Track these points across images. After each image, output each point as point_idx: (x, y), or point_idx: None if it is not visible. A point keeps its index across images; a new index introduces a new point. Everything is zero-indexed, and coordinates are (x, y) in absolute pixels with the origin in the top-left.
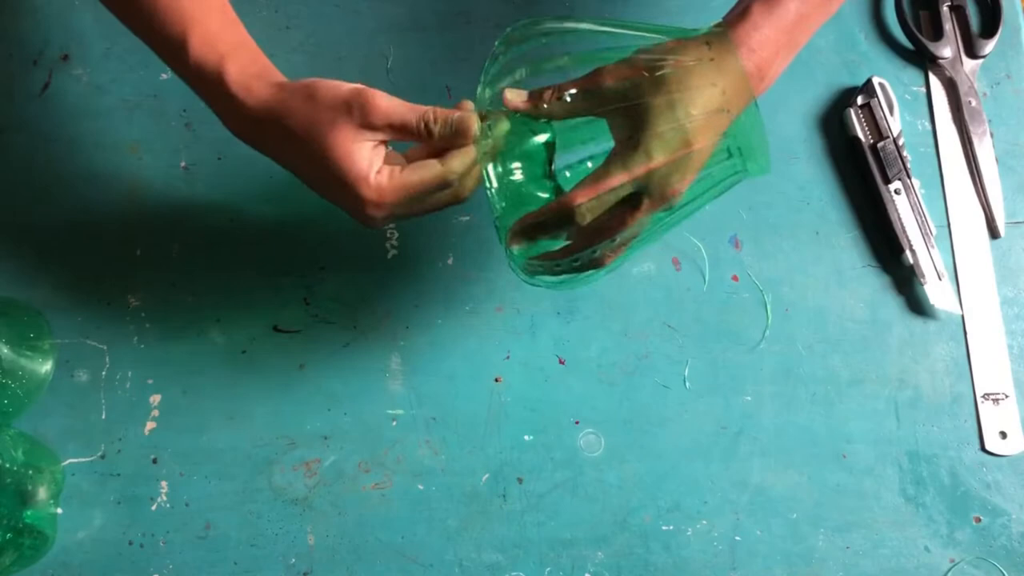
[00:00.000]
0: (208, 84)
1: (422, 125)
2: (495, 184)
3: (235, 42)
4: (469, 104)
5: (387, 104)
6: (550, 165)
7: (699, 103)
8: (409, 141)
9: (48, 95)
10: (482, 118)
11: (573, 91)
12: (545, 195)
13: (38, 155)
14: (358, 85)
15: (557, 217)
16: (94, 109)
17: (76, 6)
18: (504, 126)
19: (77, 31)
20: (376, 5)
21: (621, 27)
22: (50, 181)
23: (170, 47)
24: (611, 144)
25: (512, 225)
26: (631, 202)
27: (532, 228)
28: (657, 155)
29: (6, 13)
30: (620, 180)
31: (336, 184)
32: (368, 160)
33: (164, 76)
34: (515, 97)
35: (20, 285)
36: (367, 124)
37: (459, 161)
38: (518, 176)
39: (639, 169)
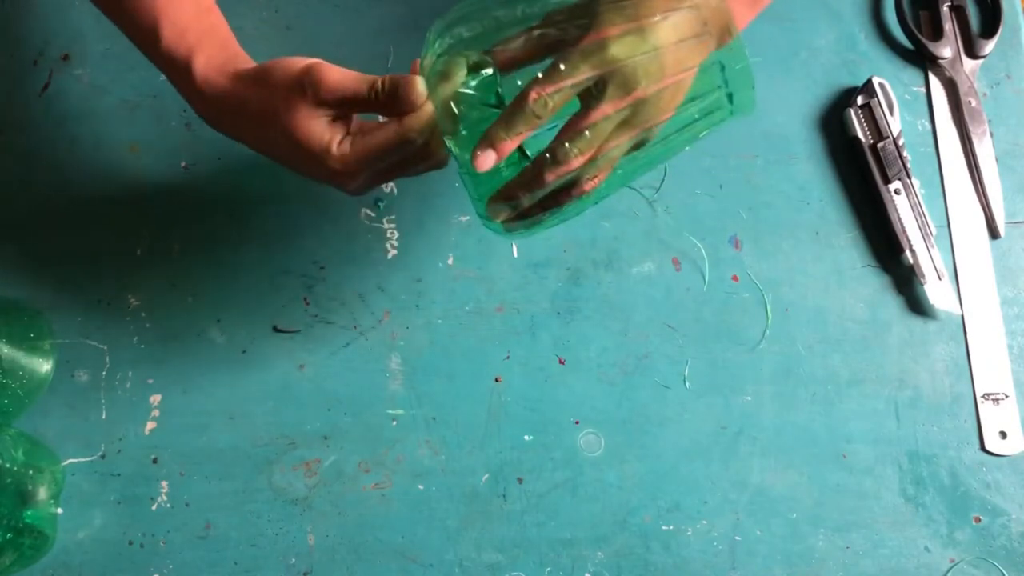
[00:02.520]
0: (178, 74)
1: (372, 94)
2: (452, 129)
3: (204, 31)
4: (417, 64)
5: (338, 77)
6: (499, 94)
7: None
8: (367, 112)
9: (48, 95)
10: (427, 72)
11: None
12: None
13: (38, 155)
14: (311, 60)
15: (516, 117)
16: (94, 109)
17: (76, 6)
18: (450, 75)
19: (77, 31)
20: (376, 5)
21: None
22: (50, 181)
23: (144, 37)
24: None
25: (488, 197)
26: (596, 98)
27: (508, 187)
28: (612, 28)
29: (6, 13)
30: (574, 63)
31: (303, 161)
32: (327, 134)
33: (164, 76)
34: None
35: (20, 285)
36: (320, 101)
37: (415, 119)
38: (473, 114)
39: (593, 48)
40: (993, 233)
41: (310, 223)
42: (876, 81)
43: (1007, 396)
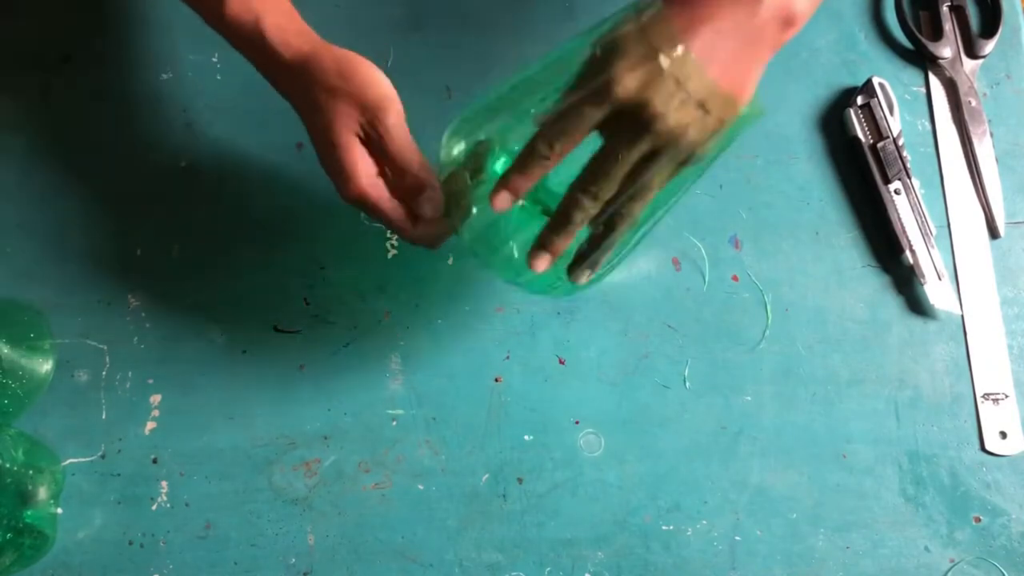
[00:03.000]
0: (246, 40)
1: (414, 180)
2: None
3: (270, 3)
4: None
5: (399, 143)
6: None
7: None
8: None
9: (48, 96)
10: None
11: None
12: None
13: (38, 156)
14: (389, 94)
15: (528, 160)
16: (94, 109)
17: (76, 6)
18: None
19: (77, 31)
20: (376, 5)
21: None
22: (50, 181)
23: (207, 7)
24: None
25: (566, 267)
26: (612, 135)
27: (542, 234)
28: (611, 57)
29: (6, 13)
30: (578, 96)
31: (328, 161)
32: (362, 162)
33: (164, 76)
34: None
35: (20, 285)
36: (372, 138)
37: (422, 231)
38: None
39: (596, 82)
40: (993, 233)
41: (310, 223)
42: (876, 81)
43: (1007, 396)
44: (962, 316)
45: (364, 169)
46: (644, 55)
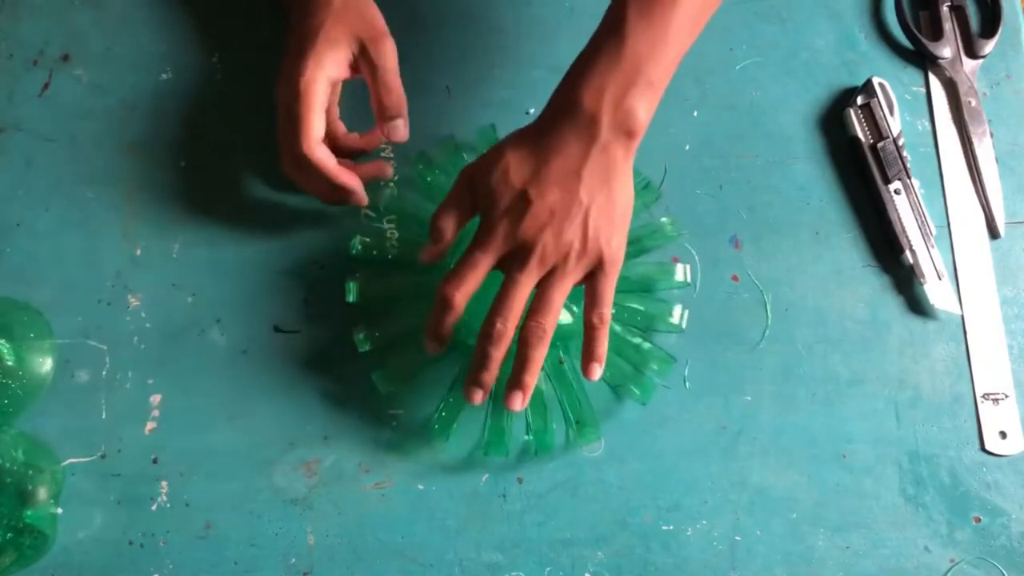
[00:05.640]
0: None
1: (397, 100)
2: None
3: None
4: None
5: (391, 64)
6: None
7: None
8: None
9: (48, 95)
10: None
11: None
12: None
13: (38, 155)
14: (386, 29)
15: (441, 313)
16: (94, 109)
17: (76, 6)
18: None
19: (77, 31)
20: (376, 5)
21: None
22: (50, 181)
23: None
24: None
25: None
26: (507, 268)
27: (469, 372)
28: (495, 208)
29: (6, 13)
30: (475, 253)
31: (288, 113)
32: (319, 123)
33: (164, 76)
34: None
35: (20, 285)
36: (365, 61)
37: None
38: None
39: (483, 233)
40: (993, 233)
41: (310, 223)
42: (876, 81)
43: (1007, 396)
44: (962, 316)
45: (318, 129)
46: (513, 198)
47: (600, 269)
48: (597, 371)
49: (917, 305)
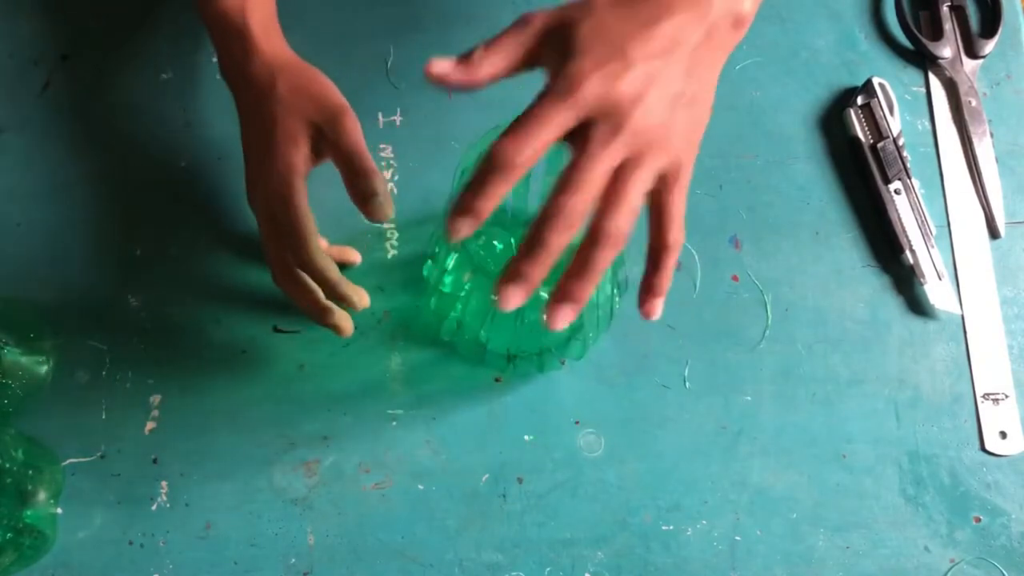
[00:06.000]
0: (230, 27)
1: (363, 172)
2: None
3: (258, 2)
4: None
5: (355, 138)
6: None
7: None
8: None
9: (48, 95)
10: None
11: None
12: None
13: (38, 155)
14: (346, 104)
15: (487, 176)
16: (94, 109)
17: (76, 6)
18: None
19: (77, 31)
20: (376, 5)
21: None
22: (50, 181)
23: None
24: None
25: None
26: (582, 142)
27: (514, 261)
28: (586, 59)
29: (6, 13)
30: (548, 105)
31: (264, 191)
32: (301, 170)
33: (164, 76)
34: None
35: (20, 285)
36: (327, 140)
37: (338, 317)
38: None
39: (564, 87)
40: (993, 233)
41: None
42: (876, 81)
43: (1007, 396)
44: (962, 316)
45: (316, 234)
46: (609, 53)
47: (675, 178)
48: (658, 309)
49: (917, 305)
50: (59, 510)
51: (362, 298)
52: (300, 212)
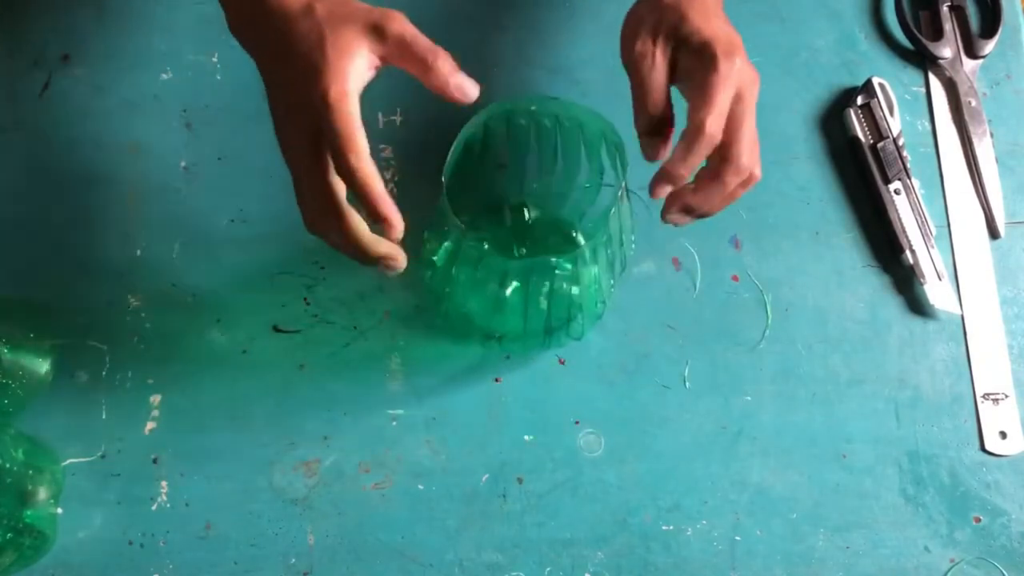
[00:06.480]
0: None
1: (432, 59)
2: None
3: None
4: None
5: (411, 32)
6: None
7: None
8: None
9: (48, 95)
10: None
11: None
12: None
13: (38, 155)
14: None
15: (695, 146)
16: (94, 109)
17: (76, 6)
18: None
19: (77, 31)
20: (376, 5)
21: None
22: (50, 181)
23: None
24: None
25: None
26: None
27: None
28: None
29: (6, 13)
30: (722, 87)
31: (317, 78)
32: (359, 73)
33: (164, 76)
34: None
35: (20, 285)
36: (383, 38)
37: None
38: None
39: (727, 65)
40: (993, 233)
41: None
42: (876, 81)
43: (1007, 396)
44: (962, 316)
45: (365, 142)
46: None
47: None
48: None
49: (917, 305)
50: (59, 510)
51: (399, 221)
52: (354, 117)
